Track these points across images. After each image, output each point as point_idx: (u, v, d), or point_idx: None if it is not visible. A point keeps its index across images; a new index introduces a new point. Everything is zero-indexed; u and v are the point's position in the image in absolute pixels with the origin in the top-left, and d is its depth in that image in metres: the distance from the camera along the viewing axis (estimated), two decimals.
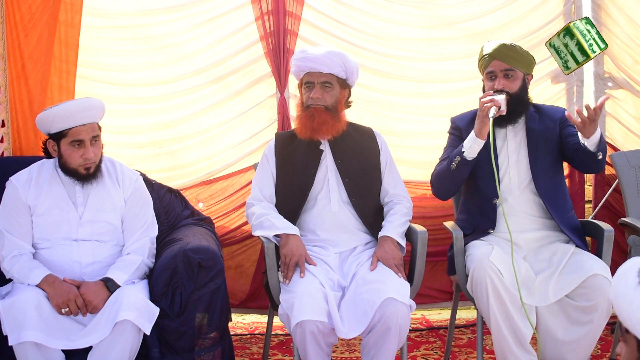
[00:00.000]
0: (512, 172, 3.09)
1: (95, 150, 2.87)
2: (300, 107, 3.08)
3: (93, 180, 2.90)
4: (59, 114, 2.81)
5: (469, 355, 3.57)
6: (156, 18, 3.94)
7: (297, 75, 3.10)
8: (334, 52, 3.04)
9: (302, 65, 3.03)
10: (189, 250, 2.89)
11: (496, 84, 3.04)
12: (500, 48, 3.05)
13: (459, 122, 3.23)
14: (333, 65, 3.00)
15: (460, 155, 3.00)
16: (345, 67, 3.04)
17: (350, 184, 3.06)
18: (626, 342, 1.52)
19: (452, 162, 3.03)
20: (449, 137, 3.26)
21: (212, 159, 4.02)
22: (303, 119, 3.05)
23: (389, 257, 2.92)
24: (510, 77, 3.05)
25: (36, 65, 3.64)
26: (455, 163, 3.01)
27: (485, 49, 3.10)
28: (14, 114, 3.67)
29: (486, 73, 3.08)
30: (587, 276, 2.83)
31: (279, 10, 3.88)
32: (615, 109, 4.21)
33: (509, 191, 3.08)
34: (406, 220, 3.11)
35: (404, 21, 4.07)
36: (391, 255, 2.93)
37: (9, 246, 2.85)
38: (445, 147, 3.24)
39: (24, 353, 2.58)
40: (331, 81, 3.03)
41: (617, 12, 4.11)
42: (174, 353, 2.83)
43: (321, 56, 3.00)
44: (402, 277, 2.88)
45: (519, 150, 3.12)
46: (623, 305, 1.50)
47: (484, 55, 3.09)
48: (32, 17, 3.60)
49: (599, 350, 3.54)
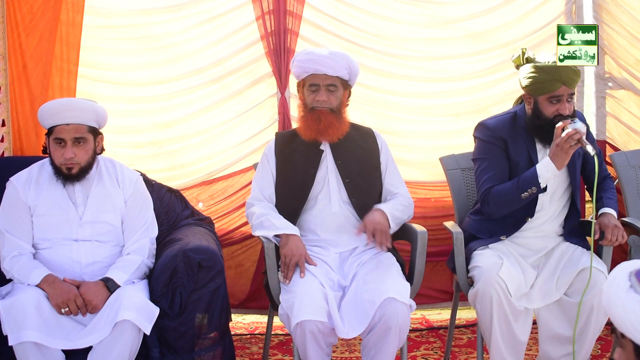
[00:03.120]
0: (549, 186, 3.02)
1: (78, 152, 2.85)
2: (304, 109, 3.06)
3: (76, 181, 2.89)
4: (44, 110, 2.88)
5: (469, 355, 3.57)
6: (156, 17, 3.92)
7: (300, 75, 3.07)
8: (340, 54, 3.03)
9: (307, 67, 3.00)
10: (189, 250, 2.89)
11: (561, 109, 2.91)
12: (570, 73, 2.92)
13: (501, 130, 3.05)
14: (339, 67, 2.99)
15: (537, 187, 2.89)
16: (350, 70, 3.03)
17: (351, 184, 3.06)
18: (623, 347, 1.51)
19: (524, 190, 2.90)
20: (487, 146, 3.06)
21: (212, 159, 4.01)
22: (309, 121, 3.03)
23: (375, 222, 2.92)
24: (570, 101, 2.95)
25: (37, 65, 3.63)
26: (528, 192, 2.90)
27: (549, 73, 2.91)
28: (14, 113, 3.66)
29: (550, 97, 2.92)
30: (579, 270, 2.86)
31: (279, 9, 3.86)
32: (616, 108, 4.21)
33: (542, 204, 3.05)
34: (404, 209, 3.08)
35: (406, 20, 4.06)
36: (378, 221, 2.93)
37: (9, 246, 2.85)
38: (483, 157, 3.06)
39: (24, 353, 2.59)
40: (336, 83, 3.02)
41: (618, 11, 4.11)
42: (174, 353, 2.83)
43: (327, 59, 2.98)
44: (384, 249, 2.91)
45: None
46: (616, 310, 1.48)
47: (549, 80, 2.90)
48: (33, 17, 3.60)
49: (599, 350, 3.54)
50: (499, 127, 3.06)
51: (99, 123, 2.94)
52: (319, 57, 2.99)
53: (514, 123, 3.06)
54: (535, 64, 2.98)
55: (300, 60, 3.03)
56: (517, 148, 3.01)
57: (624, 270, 1.52)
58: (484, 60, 4.09)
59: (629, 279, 1.49)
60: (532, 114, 3.00)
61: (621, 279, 1.50)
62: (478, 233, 3.12)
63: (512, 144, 3.02)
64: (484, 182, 3.03)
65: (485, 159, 3.06)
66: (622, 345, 1.51)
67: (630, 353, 1.48)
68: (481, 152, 3.09)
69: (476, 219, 3.18)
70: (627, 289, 1.48)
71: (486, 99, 4.04)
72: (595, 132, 4.20)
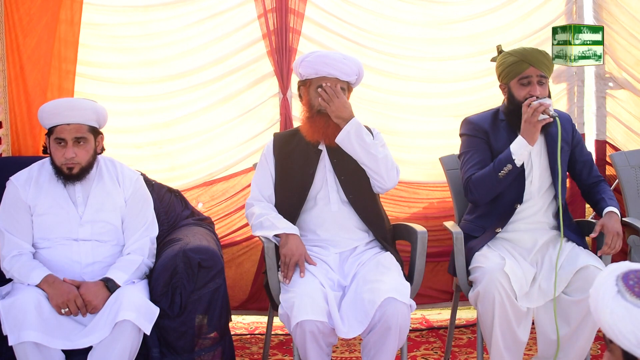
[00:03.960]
0: (534, 175, 3.09)
1: (79, 152, 2.86)
2: (310, 110, 3.04)
3: (76, 181, 2.89)
4: (45, 110, 2.88)
5: (469, 355, 3.57)
6: (155, 15, 3.88)
7: (307, 75, 3.02)
8: (353, 59, 3.03)
9: (319, 69, 2.97)
10: (189, 250, 2.89)
11: (532, 90, 2.99)
12: (536, 54, 3.01)
13: (482, 124, 3.15)
14: (351, 73, 2.99)
15: (512, 164, 2.95)
16: (359, 74, 3.04)
17: (346, 181, 3.05)
18: (612, 352, 1.48)
19: (500, 169, 2.97)
20: (471, 139, 3.15)
21: (213, 159, 3.98)
22: (316, 124, 3.02)
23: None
24: (542, 84, 3.02)
25: (35, 67, 3.62)
26: (505, 170, 2.96)
27: (514, 55, 3.04)
28: (12, 115, 3.66)
29: (519, 79, 3.02)
30: (578, 268, 2.87)
31: (282, 7, 3.82)
32: (616, 108, 4.21)
33: (530, 194, 3.08)
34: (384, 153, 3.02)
35: (409, 20, 4.05)
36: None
37: (9, 246, 2.85)
38: (467, 150, 3.15)
39: (24, 353, 2.58)
40: (344, 87, 3.02)
41: (618, 11, 4.11)
42: (174, 353, 2.83)
43: (341, 63, 2.96)
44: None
45: (541, 154, 3.11)
46: (603, 316, 1.46)
47: (516, 61, 3.01)
48: (32, 18, 3.59)
49: (598, 350, 3.54)
50: (481, 121, 3.17)
51: (99, 123, 2.94)
52: (334, 60, 2.97)
53: (496, 117, 3.16)
54: (503, 51, 3.12)
55: (311, 61, 2.99)
56: (499, 139, 3.06)
57: (610, 274, 1.49)
58: (485, 61, 4.07)
59: (616, 283, 1.47)
60: (508, 101, 3.11)
61: (608, 284, 1.48)
62: (473, 232, 3.14)
63: (493, 135, 3.10)
64: (467, 172, 3.11)
65: (469, 152, 3.15)
66: (611, 350, 1.49)
67: (619, 358, 1.46)
68: (465, 146, 3.19)
69: (470, 218, 3.22)
70: (614, 294, 1.45)
71: (487, 99, 4.04)
72: (596, 132, 4.21)
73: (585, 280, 2.85)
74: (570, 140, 3.16)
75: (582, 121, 4.18)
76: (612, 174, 4.07)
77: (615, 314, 1.43)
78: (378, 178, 3.02)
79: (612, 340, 1.46)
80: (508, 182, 3.01)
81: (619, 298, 1.45)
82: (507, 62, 3.05)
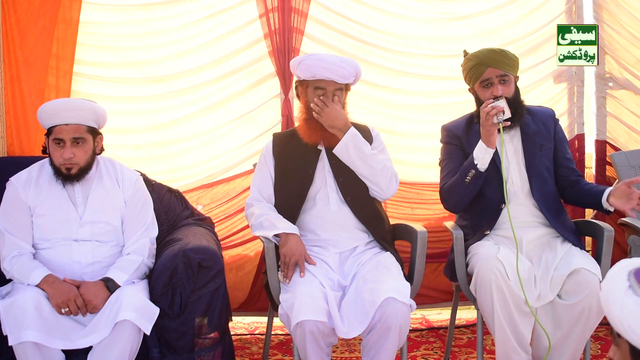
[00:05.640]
0: (514, 176, 3.10)
1: (77, 152, 2.86)
2: (307, 112, 3.04)
3: (75, 181, 2.89)
4: (44, 110, 2.88)
5: (469, 355, 3.57)
6: (155, 13, 3.86)
7: (305, 77, 3.02)
8: (351, 61, 3.03)
9: (317, 73, 2.97)
10: (189, 250, 2.89)
11: (495, 91, 3.03)
12: (490, 54, 3.05)
13: (456, 130, 3.20)
14: (349, 75, 2.99)
15: (474, 169, 2.98)
16: (357, 75, 3.05)
17: (344, 183, 3.06)
18: (618, 347, 1.49)
19: (465, 176, 3.01)
20: (446, 147, 3.22)
21: (213, 161, 3.96)
22: (314, 126, 3.02)
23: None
24: (505, 82, 3.05)
25: (32, 67, 3.62)
26: (469, 177, 2.99)
27: (472, 59, 3.08)
28: (9, 117, 3.65)
29: (481, 82, 3.06)
30: (571, 270, 2.85)
31: (284, 6, 3.79)
32: (616, 108, 4.20)
33: (513, 193, 3.08)
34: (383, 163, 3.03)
35: (413, 18, 4.04)
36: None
37: (9, 246, 2.85)
38: (444, 158, 3.22)
39: (23, 353, 2.58)
40: (342, 88, 3.03)
41: (618, 11, 4.11)
42: (174, 353, 2.83)
43: (339, 67, 2.96)
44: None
45: (518, 154, 3.12)
46: (613, 309, 1.47)
47: (474, 65, 3.06)
48: (30, 20, 3.59)
49: (599, 350, 3.54)
50: (455, 127, 3.23)
51: (98, 123, 2.94)
52: (331, 65, 2.96)
53: (471, 122, 3.19)
54: (465, 57, 3.14)
55: (309, 65, 2.98)
56: (473, 144, 3.07)
57: (623, 268, 1.51)
58: None
59: (628, 278, 1.48)
60: (476, 105, 3.14)
61: (620, 278, 1.49)
62: (465, 235, 3.13)
63: (466, 140, 3.14)
64: (441, 181, 3.19)
65: (444, 160, 3.22)
66: (617, 345, 1.50)
67: (626, 353, 1.47)
68: (442, 154, 3.25)
69: (460, 222, 3.24)
70: (626, 289, 1.46)
71: None
72: (596, 132, 4.21)
73: (577, 284, 2.84)
74: (552, 136, 3.16)
75: (582, 121, 4.18)
76: (612, 174, 4.07)
77: (626, 309, 1.45)
78: (377, 189, 3.06)
79: (620, 334, 1.47)
80: (477, 187, 3.03)
81: (630, 293, 1.46)
82: (468, 67, 3.11)
